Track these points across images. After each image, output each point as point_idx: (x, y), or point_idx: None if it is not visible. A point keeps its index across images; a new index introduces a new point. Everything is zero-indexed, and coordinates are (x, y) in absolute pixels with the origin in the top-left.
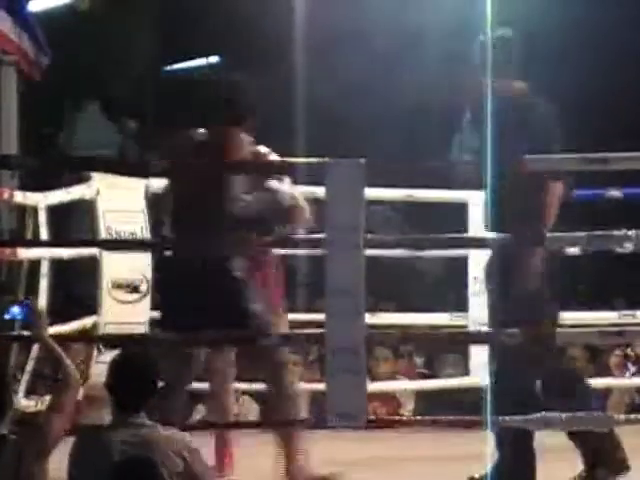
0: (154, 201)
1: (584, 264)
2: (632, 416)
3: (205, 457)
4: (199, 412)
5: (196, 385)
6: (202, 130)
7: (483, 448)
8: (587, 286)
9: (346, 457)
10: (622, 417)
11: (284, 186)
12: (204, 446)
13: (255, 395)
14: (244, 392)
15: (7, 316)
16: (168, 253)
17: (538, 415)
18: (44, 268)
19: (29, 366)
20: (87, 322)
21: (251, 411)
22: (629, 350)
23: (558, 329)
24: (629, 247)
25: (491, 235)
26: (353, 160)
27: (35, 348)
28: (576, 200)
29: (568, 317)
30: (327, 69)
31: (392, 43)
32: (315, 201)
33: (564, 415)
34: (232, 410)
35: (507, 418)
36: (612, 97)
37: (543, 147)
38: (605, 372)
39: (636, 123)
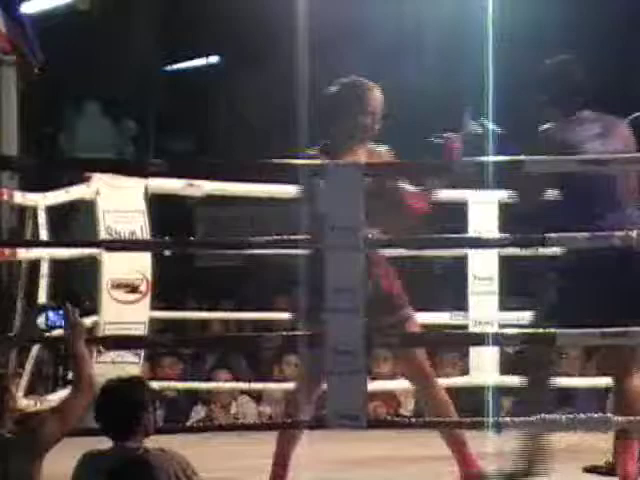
0: None
1: None
2: (632, 418)
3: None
4: (198, 412)
5: (200, 385)
6: None
7: (484, 447)
8: None
9: (346, 457)
10: (622, 419)
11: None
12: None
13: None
14: (243, 392)
15: (44, 322)
16: None
17: (539, 417)
18: (44, 268)
19: (29, 366)
20: (87, 322)
21: (250, 411)
22: None
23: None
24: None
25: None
26: (353, 161)
27: (35, 348)
28: None
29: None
30: (327, 66)
31: (393, 40)
32: None
33: (564, 417)
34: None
35: (507, 420)
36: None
37: None
38: None
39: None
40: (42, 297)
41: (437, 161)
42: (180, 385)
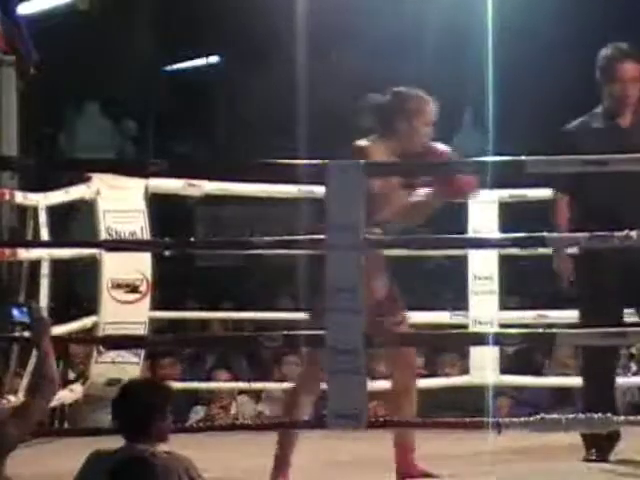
0: None
1: None
2: (632, 417)
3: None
4: (198, 413)
5: (199, 385)
6: None
7: (483, 446)
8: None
9: (346, 457)
10: (622, 418)
11: None
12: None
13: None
14: (242, 392)
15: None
16: None
17: (538, 417)
18: (44, 269)
19: (29, 366)
20: (87, 322)
21: (249, 411)
22: (633, 349)
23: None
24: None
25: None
26: (353, 161)
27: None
28: None
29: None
30: (328, 66)
31: (392, 39)
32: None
33: (564, 417)
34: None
35: (507, 420)
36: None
37: None
38: None
39: None
40: (43, 297)
41: (438, 161)
42: (180, 385)
